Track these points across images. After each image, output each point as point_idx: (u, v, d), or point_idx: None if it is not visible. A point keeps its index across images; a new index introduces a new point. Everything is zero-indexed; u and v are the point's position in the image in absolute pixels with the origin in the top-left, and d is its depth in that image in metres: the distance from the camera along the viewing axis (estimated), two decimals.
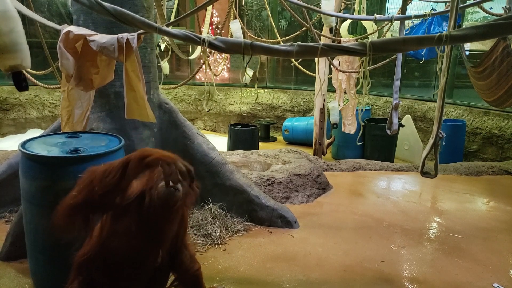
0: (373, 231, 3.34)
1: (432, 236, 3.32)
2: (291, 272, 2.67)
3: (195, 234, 3.05)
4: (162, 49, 6.94)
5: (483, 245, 3.15)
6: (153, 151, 1.59)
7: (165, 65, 7.37)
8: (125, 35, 2.35)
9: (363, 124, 5.51)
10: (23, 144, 2.29)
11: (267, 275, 2.64)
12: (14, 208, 3.29)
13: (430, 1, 4.95)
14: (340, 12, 5.76)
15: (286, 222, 3.34)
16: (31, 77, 4.83)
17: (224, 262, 2.78)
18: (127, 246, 1.71)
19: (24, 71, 2.22)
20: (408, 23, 5.35)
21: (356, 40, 5.17)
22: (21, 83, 2.21)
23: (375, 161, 5.39)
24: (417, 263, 2.85)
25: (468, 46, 6.89)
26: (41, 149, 2.25)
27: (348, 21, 6.07)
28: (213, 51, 7.02)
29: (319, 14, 5.90)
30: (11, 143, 6.66)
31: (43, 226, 2.23)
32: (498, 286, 2.55)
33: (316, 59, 5.65)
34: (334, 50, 2.23)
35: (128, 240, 1.70)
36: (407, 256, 2.95)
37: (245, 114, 8.54)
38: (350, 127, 5.65)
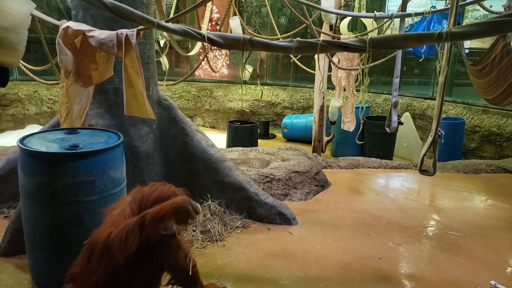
0: (371, 228, 3.35)
1: (430, 234, 3.33)
2: (289, 269, 2.68)
3: (194, 231, 3.05)
4: (162, 45, 6.92)
5: (481, 243, 3.16)
6: (165, 205, 1.59)
7: (164, 61, 7.34)
8: (124, 31, 2.34)
9: (363, 121, 5.51)
10: (22, 140, 2.29)
11: (266, 271, 2.64)
12: (12, 204, 3.29)
13: None
14: (340, 9, 5.75)
15: (285, 219, 3.34)
16: (29, 73, 4.82)
17: (222, 259, 2.78)
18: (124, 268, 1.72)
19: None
20: (408, 21, 5.34)
21: (356, 37, 5.16)
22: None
23: (374, 158, 5.40)
24: (415, 261, 2.86)
25: (467, 44, 6.90)
26: (40, 145, 2.25)
27: (348, 18, 6.06)
28: (212, 48, 7.00)
29: (319, 11, 5.88)
30: (9, 139, 6.64)
31: (41, 223, 2.23)
32: (495, 284, 2.56)
33: (315, 56, 5.65)
34: (334, 46, 2.23)
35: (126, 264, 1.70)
36: (405, 254, 2.96)
37: (248, 110, 8.52)
38: (349, 125, 5.65)
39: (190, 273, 2.01)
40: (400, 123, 3.86)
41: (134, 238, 1.56)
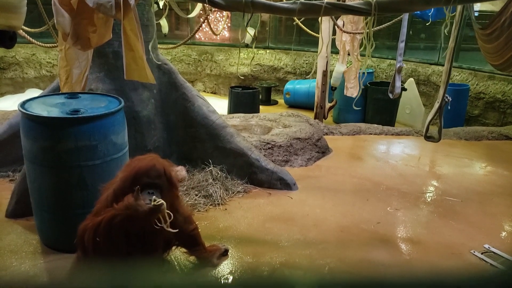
0: (370, 193, 3.40)
1: (429, 199, 3.39)
2: (289, 232, 2.74)
3: (196, 195, 3.11)
4: (161, 7, 6.71)
5: (478, 208, 3.21)
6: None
7: (164, 24, 7.16)
8: None
9: (363, 87, 5.43)
10: (23, 104, 2.28)
11: (266, 234, 2.72)
12: (17, 167, 3.33)
13: None
14: None
15: (285, 185, 3.39)
16: (26, 35, 4.72)
17: (224, 222, 2.85)
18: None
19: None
20: None
21: None
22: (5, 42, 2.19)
23: (375, 125, 5.39)
24: (412, 225, 2.92)
25: (478, 6, 6.66)
26: (40, 110, 2.24)
27: None
28: (213, 9, 6.80)
29: None
30: (10, 103, 6.62)
31: (46, 186, 2.27)
32: (489, 247, 2.63)
33: (319, 19, 5.49)
34: (338, 9, 2.17)
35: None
36: (402, 218, 3.02)
37: (243, 77, 8.41)
38: (352, 90, 5.57)
39: (189, 234, 2.10)
40: (403, 89, 3.82)
41: (119, 235, 1.73)
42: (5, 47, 2.34)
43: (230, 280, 2.22)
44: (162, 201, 1.72)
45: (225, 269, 2.33)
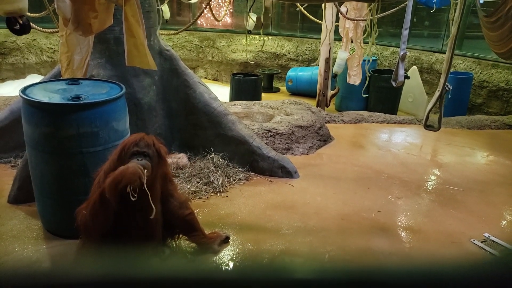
0: (372, 182, 3.40)
1: (430, 188, 3.39)
2: (290, 219, 2.76)
3: (198, 182, 3.12)
4: None
5: (478, 197, 3.22)
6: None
7: (165, 9, 7.08)
8: None
9: (369, 75, 5.40)
10: (24, 90, 2.27)
11: (267, 221, 2.73)
12: (19, 153, 3.34)
13: None
14: None
15: (287, 172, 3.39)
16: None
17: (225, 209, 2.86)
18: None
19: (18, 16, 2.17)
20: None
21: None
22: (13, 27, 2.19)
23: (378, 113, 5.36)
24: (413, 214, 2.93)
25: None
26: (42, 96, 2.23)
27: None
28: None
29: None
30: (10, 89, 6.60)
31: (48, 172, 2.28)
32: (489, 236, 2.64)
33: (322, 5, 5.41)
34: None
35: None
36: (403, 207, 3.03)
37: (252, 62, 8.31)
38: (355, 78, 5.54)
39: (184, 219, 2.13)
40: (406, 77, 3.78)
41: (105, 212, 1.79)
42: (15, 33, 2.35)
43: (230, 267, 2.24)
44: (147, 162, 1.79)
45: (226, 256, 2.35)
